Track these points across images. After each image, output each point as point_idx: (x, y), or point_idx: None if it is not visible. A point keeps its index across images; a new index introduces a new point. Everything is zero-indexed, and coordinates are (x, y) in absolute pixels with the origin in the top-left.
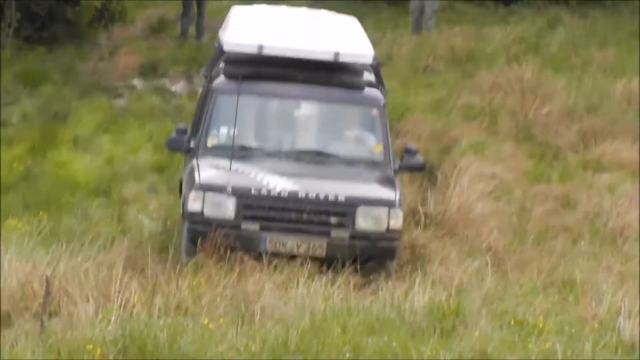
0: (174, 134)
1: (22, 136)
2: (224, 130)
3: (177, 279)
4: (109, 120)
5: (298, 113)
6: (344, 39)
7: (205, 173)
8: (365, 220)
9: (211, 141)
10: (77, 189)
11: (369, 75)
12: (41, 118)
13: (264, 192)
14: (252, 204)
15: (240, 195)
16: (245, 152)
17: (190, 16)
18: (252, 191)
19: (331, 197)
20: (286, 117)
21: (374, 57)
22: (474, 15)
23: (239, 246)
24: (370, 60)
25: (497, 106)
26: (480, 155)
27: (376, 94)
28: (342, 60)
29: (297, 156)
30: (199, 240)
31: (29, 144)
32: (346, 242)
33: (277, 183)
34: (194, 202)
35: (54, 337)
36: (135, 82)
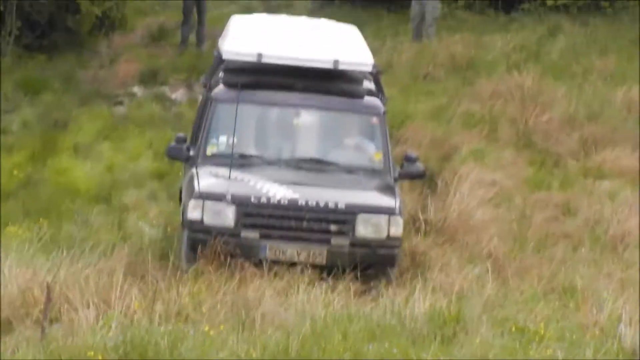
0: (173, 143)
1: (23, 144)
2: (224, 139)
3: (178, 285)
4: (109, 127)
5: (297, 121)
6: (344, 47)
7: (204, 181)
8: (365, 228)
9: (210, 150)
10: (77, 196)
11: (369, 84)
12: (41, 126)
13: (264, 200)
14: (252, 212)
15: (240, 203)
16: (245, 161)
17: (190, 24)
18: (252, 199)
19: (331, 204)
20: (286, 126)
21: (373, 65)
22: (475, 23)
23: (238, 254)
24: (369, 68)
25: (497, 114)
26: (480, 163)
27: (376, 102)
28: (341, 68)
29: (297, 164)
30: (199, 249)
31: (30, 152)
32: (346, 249)
33: (277, 191)
34: (194, 211)
35: (54, 344)
36: (135, 89)
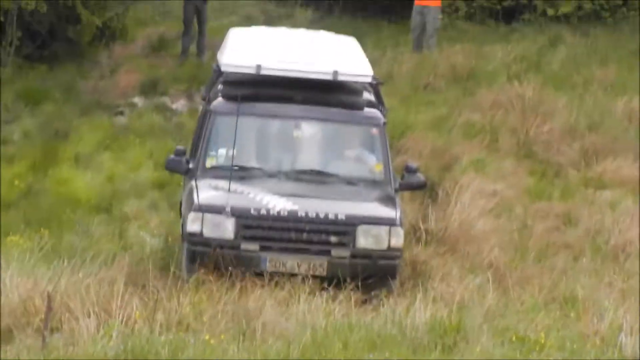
0: (172, 155)
1: (23, 154)
2: (223, 151)
3: (179, 295)
4: (110, 138)
5: (297, 133)
6: (343, 58)
7: (204, 194)
8: (365, 239)
9: (210, 162)
10: (78, 206)
11: (369, 95)
12: (42, 136)
13: (264, 212)
14: (252, 224)
15: (240, 215)
16: (245, 173)
17: (191, 34)
18: (252, 211)
19: (331, 216)
20: (285, 138)
21: (373, 76)
22: (475, 33)
23: (239, 266)
24: (369, 79)
25: (498, 124)
26: (481, 173)
27: (376, 113)
28: (340, 79)
29: (297, 176)
30: (199, 261)
31: (30, 162)
32: (347, 260)
33: (277, 203)
34: (193, 223)
35: (55, 353)
36: (136, 100)
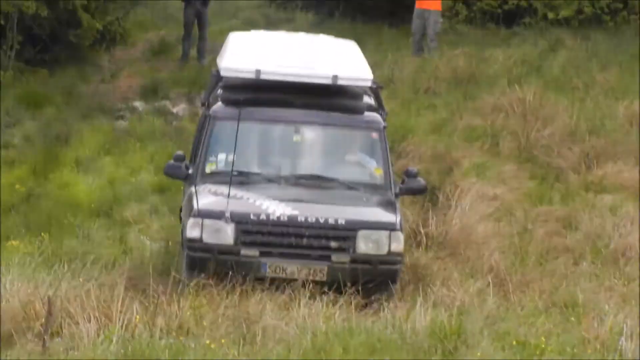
0: (171, 161)
1: (24, 158)
2: (222, 157)
3: (179, 299)
4: (111, 142)
5: (297, 138)
6: (343, 62)
7: (203, 200)
8: (366, 244)
9: (209, 167)
10: (78, 210)
11: (369, 99)
12: (43, 140)
13: (263, 217)
14: (251, 230)
15: (239, 221)
16: (244, 178)
17: (191, 38)
18: (251, 217)
19: (331, 221)
20: (285, 142)
21: (372, 80)
22: (476, 37)
23: (238, 272)
24: (369, 83)
25: (498, 128)
26: (481, 177)
27: (376, 117)
28: (340, 83)
29: (297, 181)
30: (199, 267)
31: (31, 166)
32: (347, 266)
33: (276, 208)
34: (193, 229)
35: (56, 357)
36: (136, 104)
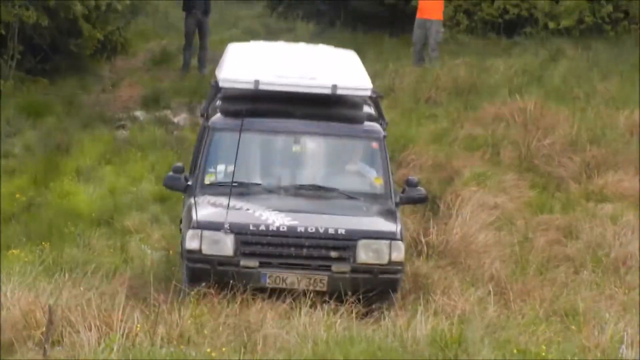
0: (171, 173)
1: (25, 167)
2: (222, 168)
3: (180, 308)
4: (112, 151)
5: (296, 148)
6: (342, 72)
7: (202, 211)
8: (366, 254)
9: (209, 178)
10: (79, 219)
11: (369, 108)
12: (43, 149)
13: (263, 227)
14: (251, 241)
15: (239, 232)
16: (244, 189)
17: (192, 48)
18: (251, 227)
19: (331, 230)
20: (284, 153)
21: (372, 89)
22: (477, 47)
23: (238, 282)
24: (368, 93)
25: (499, 137)
26: (482, 186)
27: (376, 127)
28: (340, 93)
29: (296, 191)
30: (199, 278)
31: (32, 175)
32: (348, 275)
33: (276, 218)
34: (192, 241)
35: None
36: (137, 113)
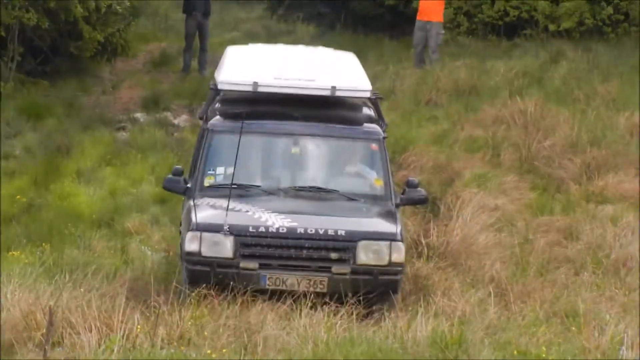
0: (170, 175)
1: (25, 169)
2: (221, 170)
3: (180, 309)
4: (112, 153)
5: (296, 150)
6: (341, 73)
7: (201, 213)
8: (366, 255)
9: (208, 181)
10: (79, 221)
11: (368, 110)
12: (44, 151)
13: (262, 229)
14: (250, 242)
15: (238, 233)
16: (243, 191)
17: (192, 50)
18: (250, 229)
19: (331, 232)
20: (284, 154)
21: (372, 91)
22: (477, 49)
23: (238, 284)
24: (368, 94)
25: (500, 139)
26: (483, 188)
27: (375, 128)
28: (339, 94)
29: (296, 193)
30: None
31: (32, 177)
32: (348, 277)
33: (275, 220)
34: (191, 243)
35: None
36: (137, 115)
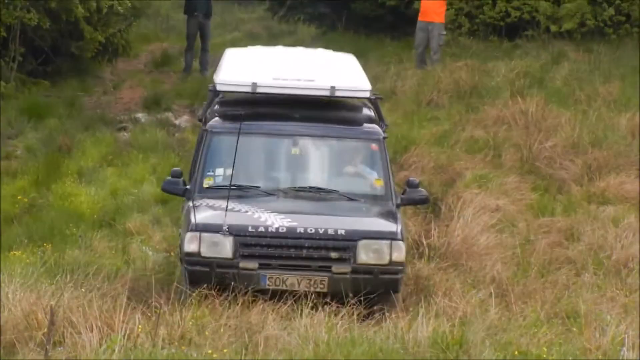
0: (169, 177)
1: (26, 169)
2: (220, 171)
3: (181, 309)
4: (113, 153)
5: (295, 150)
6: (341, 74)
7: (201, 214)
8: (367, 254)
9: (207, 182)
10: (81, 221)
11: (368, 110)
12: (45, 151)
13: (262, 229)
14: (250, 242)
15: (237, 233)
16: (242, 192)
17: (193, 50)
18: (249, 229)
19: (331, 231)
20: (283, 155)
21: (371, 91)
22: (478, 49)
23: (238, 284)
24: (367, 94)
25: (501, 139)
26: (484, 188)
27: (375, 128)
28: (338, 94)
29: (296, 193)
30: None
31: (33, 177)
32: (348, 276)
33: (275, 220)
34: (191, 243)
35: None
36: (139, 115)
